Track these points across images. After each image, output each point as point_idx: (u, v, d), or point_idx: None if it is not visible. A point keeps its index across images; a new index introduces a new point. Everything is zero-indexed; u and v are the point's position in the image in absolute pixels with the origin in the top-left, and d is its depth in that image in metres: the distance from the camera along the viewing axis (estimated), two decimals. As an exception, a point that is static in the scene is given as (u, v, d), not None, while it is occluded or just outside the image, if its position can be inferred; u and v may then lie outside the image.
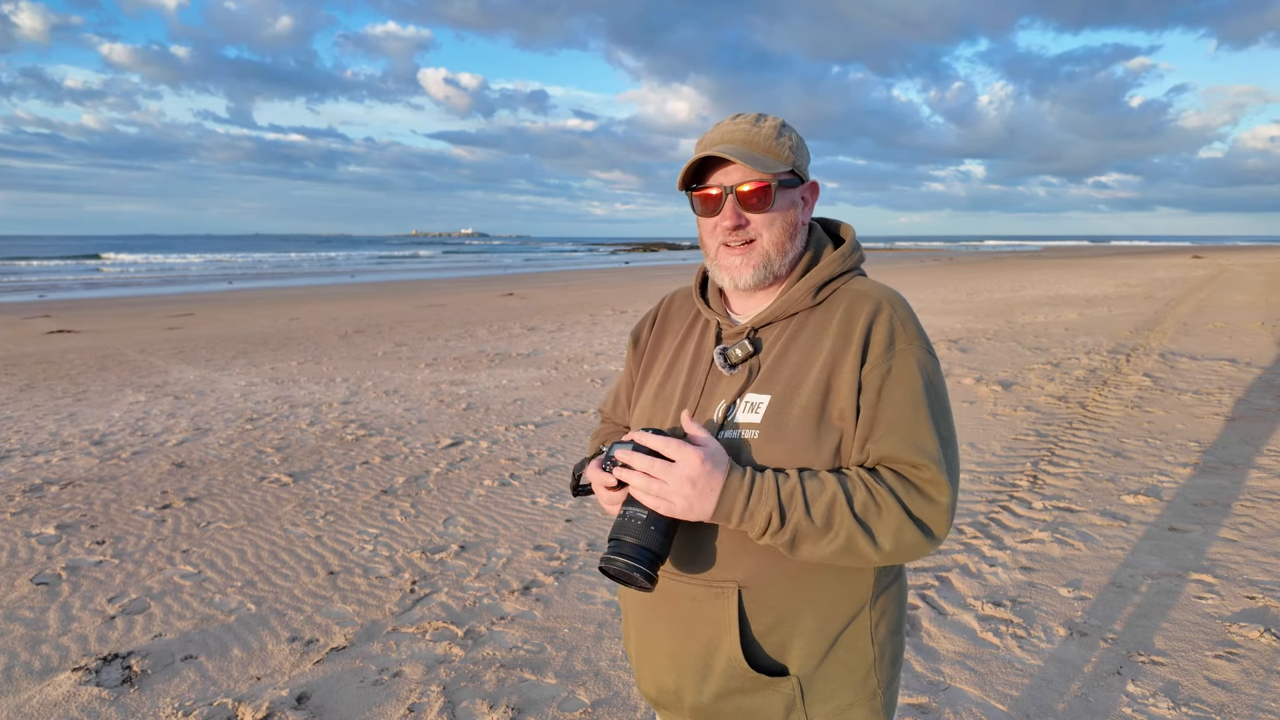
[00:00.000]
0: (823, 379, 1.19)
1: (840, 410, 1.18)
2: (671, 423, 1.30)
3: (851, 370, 1.18)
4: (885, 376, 1.17)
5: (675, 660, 1.27)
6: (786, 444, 1.17)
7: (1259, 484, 4.86)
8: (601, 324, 14.14)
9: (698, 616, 1.23)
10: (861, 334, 1.20)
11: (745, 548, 1.20)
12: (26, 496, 5.01)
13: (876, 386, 1.17)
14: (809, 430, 1.17)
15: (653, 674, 1.32)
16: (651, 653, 1.32)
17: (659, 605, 1.28)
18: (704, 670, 1.24)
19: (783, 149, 1.25)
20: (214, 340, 12.33)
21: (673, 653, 1.27)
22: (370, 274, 37.87)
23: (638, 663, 1.37)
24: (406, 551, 4.11)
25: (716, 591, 1.21)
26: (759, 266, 1.25)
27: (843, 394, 1.18)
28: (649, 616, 1.31)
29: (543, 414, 7.15)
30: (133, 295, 23.85)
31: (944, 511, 1.14)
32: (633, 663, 1.39)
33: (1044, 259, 48.80)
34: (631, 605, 1.36)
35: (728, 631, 1.21)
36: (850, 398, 1.17)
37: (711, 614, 1.22)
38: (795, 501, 1.11)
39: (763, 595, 1.21)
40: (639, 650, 1.36)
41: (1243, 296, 17.26)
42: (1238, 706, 2.68)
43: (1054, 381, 8.11)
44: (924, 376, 1.18)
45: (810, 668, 1.22)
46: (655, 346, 1.46)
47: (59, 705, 2.78)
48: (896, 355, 1.18)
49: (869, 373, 1.17)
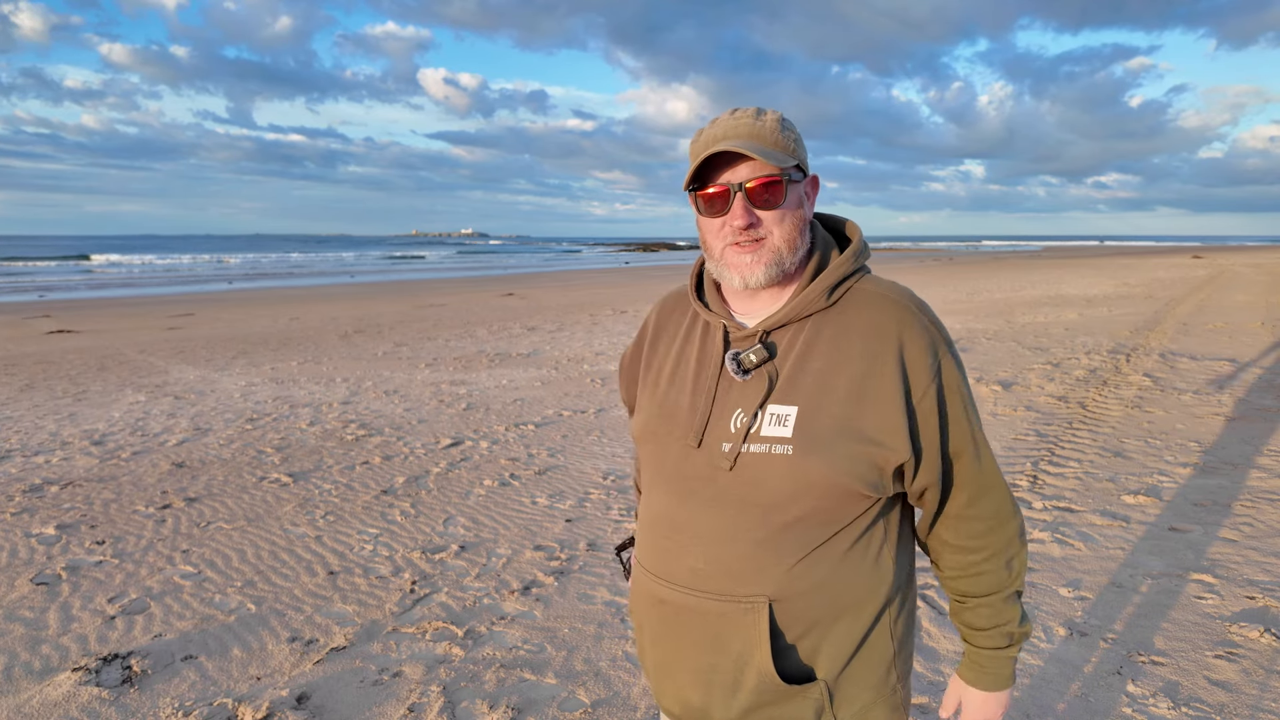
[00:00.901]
0: (855, 390, 1.15)
1: (880, 426, 1.15)
2: (680, 433, 1.23)
3: (895, 387, 1.15)
4: (940, 397, 1.18)
5: (702, 677, 1.23)
6: (823, 461, 1.13)
7: (1259, 484, 4.86)
8: (601, 324, 14.14)
9: (726, 632, 1.19)
10: (896, 345, 1.17)
11: (775, 561, 1.17)
12: (26, 496, 5.01)
13: (934, 407, 1.17)
14: (844, 445, 1.14)
15: (675, 690, 1.28)
16: (674, 669, 1.27)
17: (684, 621, 1.23)
18: (734, 686, 1.20)
19: (788, 142, 1.21)
20: (214, 340, 12.33)
21: (699, 669, 1.23)
22: (370, 274, 37.88)
23: (657, 678, 1.31)
24: (406, 551, 4.11)
25: (746, 607, 1.17)
26: (771, 264, 1.20)
27: (883, 408, 1.15)
28: (671, 632, 1.26)
29: (543, 414, 7.14)
30: (133, 295, 23.85)
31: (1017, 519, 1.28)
32: (650, 678, 1.34)
33: (1044, 259, 48.79)
34: (650, 620, 1.30)
35: (758, 646, 1.17)
36: (894, 417, 1.15)
37: (741, 630, 1.18)
38: (1017, 639, 1.29)
39: (793, 607, 1.17)
40: (659, 666, 1.30)
41: (1243, 296, 17.25)
42: (1238, 706, 2.68)
43: (1054, 381, 8.11)
44: (962, 376, 1.22)
45: (837, 670, 1.20)
46: (651, 356, 1.38)
47: (59, 705, 2.78)
48: (943, 369, 1.18)
49: (923, 395, 1.17)
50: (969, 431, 1.21)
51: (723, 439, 1.19)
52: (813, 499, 1.15)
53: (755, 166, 1.17)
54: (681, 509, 1.22)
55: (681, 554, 1.22)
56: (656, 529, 1.27)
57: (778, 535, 1.16)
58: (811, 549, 1.17)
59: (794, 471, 1.14)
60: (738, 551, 1.18)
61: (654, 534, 1.28)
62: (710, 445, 1.20)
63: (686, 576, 1.22)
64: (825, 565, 1.17)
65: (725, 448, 1.18)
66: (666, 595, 1.25)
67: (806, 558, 1.17)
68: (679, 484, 1.23)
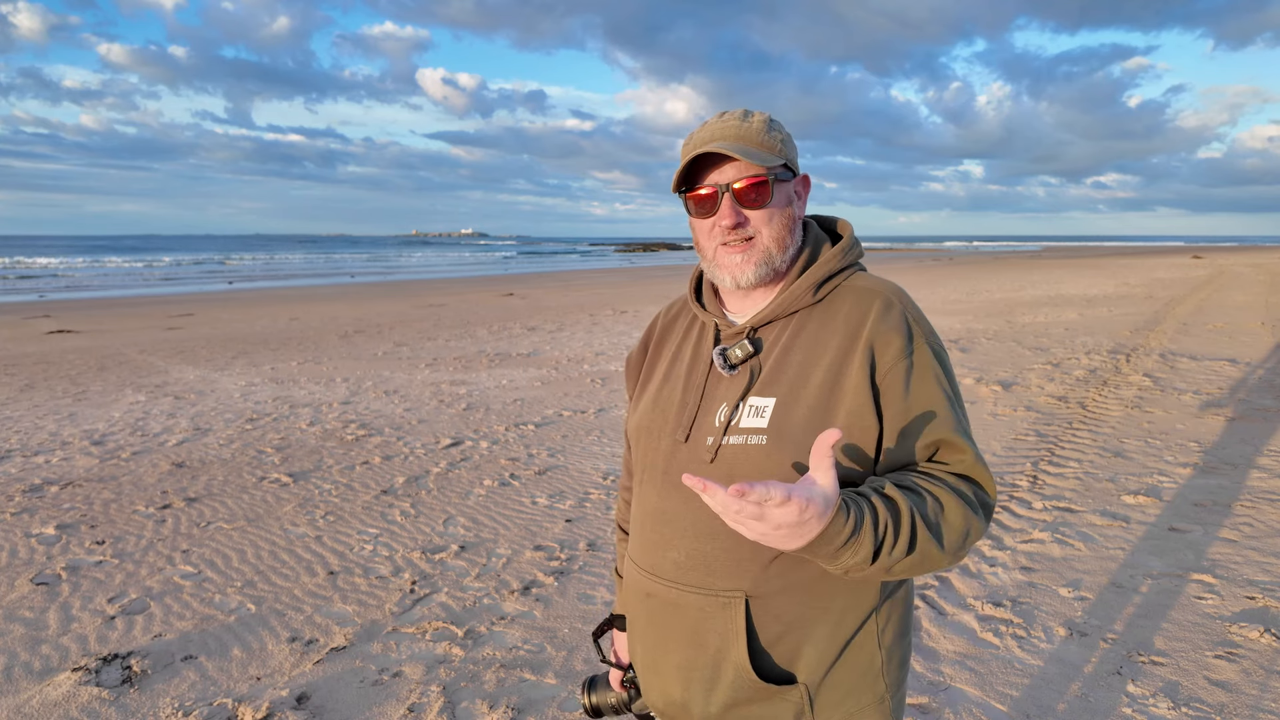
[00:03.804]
0: (829, 379, 1.16)
1: (849, 410, 1.14)
2: (671, 428, 1.26)
3: (862, 369, 1.15)
4: (909, 372, 1.14)
5: (682, 671, 1.24)
6: (795, 449, 1.14)
7: (1259, 484, 4.86)
8: (601, 324, 14.14)
9: (704, 627, 1.20)
10: (870, 331, 1.16)
11: (752, 557, 1.17)
12: (26, 496, 5.01)
13: (902, 383, 1.14)
14: (817, 434, 1.12)
15: (659, 685, 1.29)
16: (658, 664, 1.28)
17: (665, 616, 1.25)
18: (711, 681, 1.21)
19: (774, 142, 1.22)
20: (214, 340, 12.33)
21: (680, 664, 1.24)
22: (370, 274, 37.89)
23: (643, 674, 1.33)
24: (406, 551, 4.11)
25: (724, 602, 1.18)
26: (760, 263, 1.22)
27: (851, 394, 1.14)
28: (655, 628, 1.28)
29: (543, 414, 7.14)
30: (133, 295, 23.85)
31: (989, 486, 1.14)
32: (638, 674, 1.36)
33: (1044, 259, 48.80)
34: (637, 616, 1.33)
35: (735, 642, 1.18)
36: (861, 398, 1.14)
37: (718, 625, 1.19)
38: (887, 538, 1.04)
39: (771, 605, 1.18)
40: (645, 662, 1.32)
41: (1243, 296, 17.26)
42: (1238, 706, 2.68)
43: (1054, 381, 8.11)
44: (945, 370, 1.18)
45: (819, 675, 1.20)
46: (654, 358, 1.41)
47: (59, 705, 2.78)
48: (916, 350, 1.16)
49: (889, 373, 1.14)
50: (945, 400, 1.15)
51: (708, 433, 1.21)
52: None
53: (741, 167, 1.19)
54: (668, 503, 1.24)
55: (667, 547, 1.24)
56: (646, 523, 1.29)
57: None
58: None
59: (768, 461, 1.15)
60: (717, 545, 1.19)
61: (644, 528, 1.30)
62: (696, 439, 1.22)
63: (670, 569, 1.23)
64: (805, 565, 1.16)
65: (708, 441, 1.21)
66: (653, 589, 1.26)
67: (784, 555, 1.16)
68: (667, 478, 1.25)
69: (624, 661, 1.47)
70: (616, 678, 1.47)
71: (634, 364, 1.47)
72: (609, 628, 1.49)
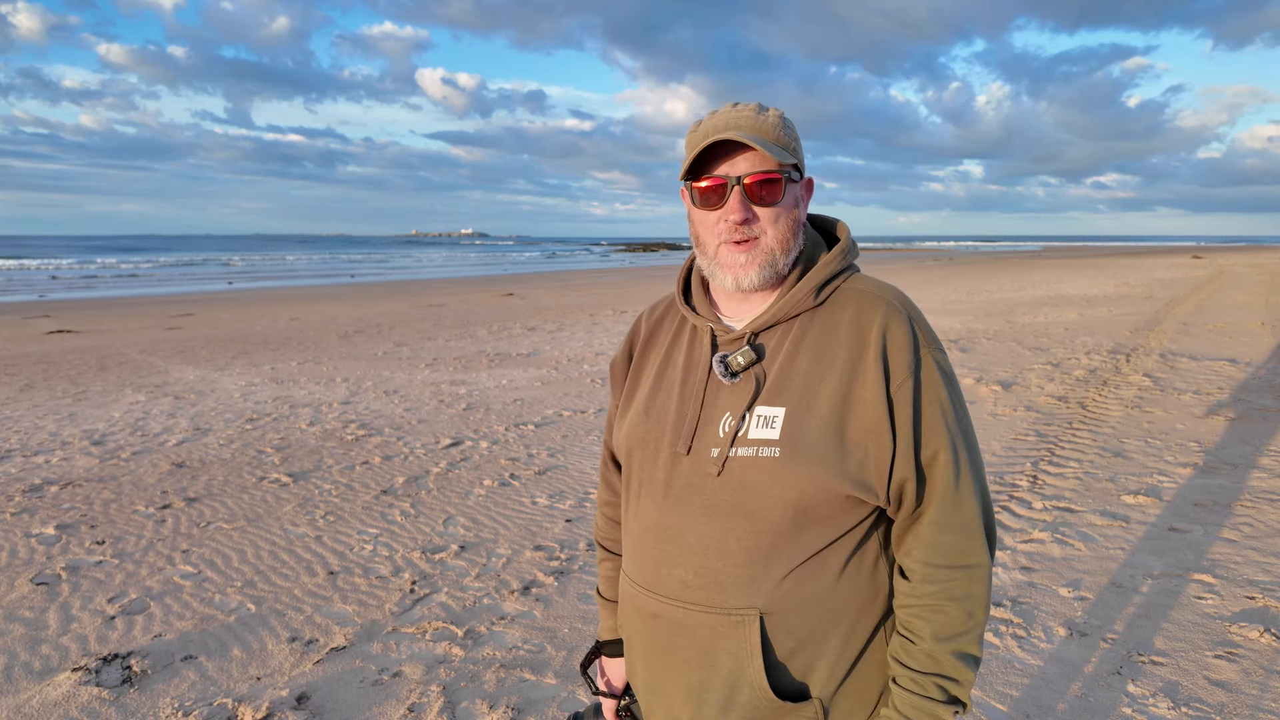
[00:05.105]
0: (840, 389, 1.12)
1: (865, 425, 1.12)
2: (670, 439, 1.20)
3: (876, 381, 1.12)
4: (916, 391, 1.13)
5: (693, 693, 1.19)
6: (810, 462, 1.10)
7: (1259, 484, 4.86)
8: (601, 324, 14.14)
9: (717, 647, 1.15)
10: (879, 341, 1.14)
11: (766, 573, 1.13)
12: (26, 496, 5.01)
13: (909, 398, 1.12)
14: (833, 447, 1.11)
15: (666, 707, 1.24)
16: (664, 685, 1.23)
17: (673, 637, 1.19)
18: (726, 703, 1.17)
19: (789, 140, 1.17)
20: (214, 340, 12.33)
21: (690, 686, 1.19)
22: (370, 274, 37.89)
23: (647, 697, 1.28)
24: (406, 551, 4.11)
25: (737, 620, 1.13)
26: (764, 266, 1.16)
27: (867, 407, 1.12)
28: (661, 649, 1.21)
29: (543, 414, 7.14)
30: (133, 295, 23.85)
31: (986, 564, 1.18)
32: (640, 697, 1.30)
33: (1044, 259, 48.80)
34: (639, 635, 1.26)
35: (750, 661, 1.13)
36: (877, 412, 1.11)
37: (731, 644, 1.14)
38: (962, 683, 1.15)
39: (785, 620, 1.14)
40: (648, 684, 1.26)
41: (1243, 296, 17.26)
42: (1238, 706, 2.68)
43: (1054, 381, 8.11)
44: (948, 382, 1.16)
45: (832, 689, 1.17)
46: (640, 364, 1.33)
47: (59, 705, 2.78)
48: (922, 365, 1.14)
49: (899, 388, 1.13)
50: (945, 432, 1.14)
51: (711, 444, 1.16)
52: (803, 504, 1.12)
53: (755, 160, 1.14)
54: (672, 519, 1.18)
55: (672, 565, 1.18)
56: (646, 540, 1.22)
57: (769, 545, 1.13)
58: (803, 560, 1.14)
59: (782, 474, 1.11)
60: (728, 562, 1.14)
61: (644, 545, 1.23)
62: (699, 451, 1.17)
63: (677, 589, 1.17)
64: (818, 578, 1.14)
65: (714, 453, 1.15)
66: (658, 609, 1.20)
67: (798, 569, 1.13)
68: (669, 492, 1.19)
69: (617, 689, 1.41)
70: (611, 708, 1.41)
71: (619, 369, 1.39)
72: (596, 656, 1.43)
